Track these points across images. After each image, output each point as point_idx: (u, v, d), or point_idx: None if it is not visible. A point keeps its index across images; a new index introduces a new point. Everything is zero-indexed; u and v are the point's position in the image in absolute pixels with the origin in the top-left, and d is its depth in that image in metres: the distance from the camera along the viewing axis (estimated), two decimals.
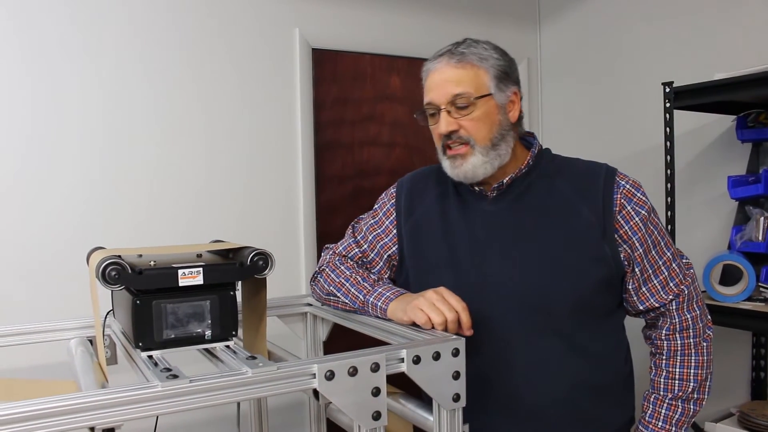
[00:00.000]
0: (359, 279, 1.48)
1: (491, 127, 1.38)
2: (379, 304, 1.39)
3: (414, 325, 1.29)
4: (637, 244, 1.40)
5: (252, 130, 2.58)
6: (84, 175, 2.26)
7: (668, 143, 2.25)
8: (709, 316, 1.49)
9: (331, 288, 1.52)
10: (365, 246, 1.59)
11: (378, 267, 1.57)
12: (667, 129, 2.24)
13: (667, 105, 2.23)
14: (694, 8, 2.63)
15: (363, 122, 2.93)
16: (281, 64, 2.65)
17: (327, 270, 1.56)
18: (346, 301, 1.47)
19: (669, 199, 2.25)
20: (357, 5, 2.83)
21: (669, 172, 2.25)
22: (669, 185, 2.25)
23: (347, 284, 1.48)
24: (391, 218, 1.58)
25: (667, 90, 2.23)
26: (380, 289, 1.42)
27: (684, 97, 2.21)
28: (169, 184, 2.41)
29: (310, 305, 1.70)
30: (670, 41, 2.72)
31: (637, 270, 1.42)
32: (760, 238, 2.24)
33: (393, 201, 1.60)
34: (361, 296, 1.43)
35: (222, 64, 2.51)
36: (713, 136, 2.56)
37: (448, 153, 1.41)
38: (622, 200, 1.39)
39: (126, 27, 2.32)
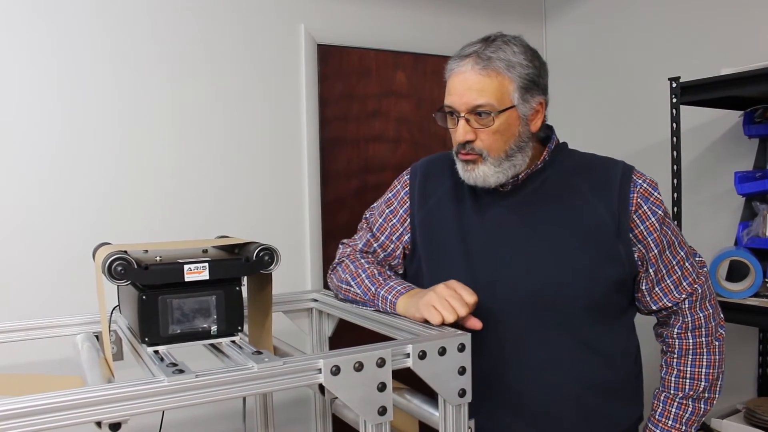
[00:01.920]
0: (375, 272, 1.48)
1: (508, 140, 1.36)
2: (390, 297, 1.39)
3: (426, 322, 1.29)
4: (652, 245, 1.39)
5: (257, 126, 2.58)
6: (90, 172, 2.26)
7: (675, 139, 2.24)
8: (722, 315, 1.48)
9: (347, 277, 1.52)
10: (382, 238, 1.58)
11: (397, 259, 1.57)
12: (674, 124, 2.23)
13: (674, 100, 2.22)
14: (700, 3, 2.61)
15: (368, 118, 2.92)
16: (287, 60, 2.65)
17: (347, 261, 1.56)
18: (358, 291, 1.47)
19: (675, 195, 2.24)
20: (362, 1, 2.83)
21: (675, 167, 2.24)
22: (675, 181, 2.24)
23: (363, 275, 1.48)
24: (405, 206, 1.57)
25: (674, 85, 2.22)
26: (392, 283, 1.42)
27: (691, 93, 2.20)
28: (174, 181, 2.41)
29: (316, 301, 1.70)
30: (676, 36, 2.71)
31: (651, 270, 1.41)
32: (767, 233, 2.23)
33: (407, 188, 1.58)
34: (373, 288, 1.43)
35: (227, 60, 2.51)
36: (720, 131, 2.55)
37: (461, 157, 1.39)
38: (639, 199, 1.38)
39: (134, 26, 2.32)
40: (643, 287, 1.43)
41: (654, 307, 1.44)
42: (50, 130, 2.19)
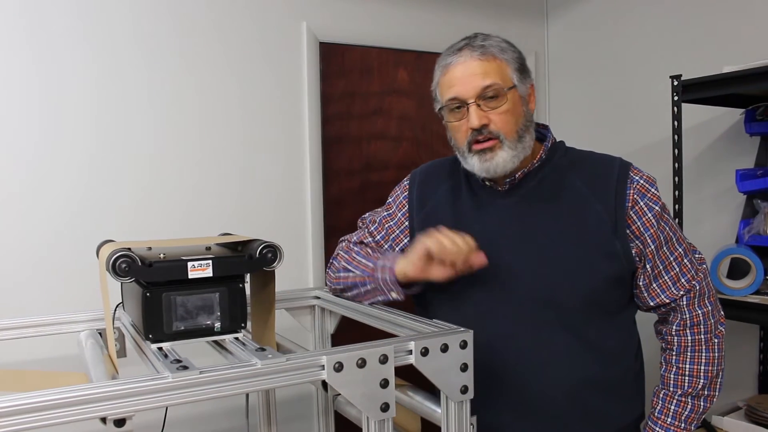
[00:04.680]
0: (370, 251, 1.53)
1: (518, 120, 1.37)
2: (388, 264, 1.41)
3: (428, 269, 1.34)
4: (649, 241, 1.39)
5: (259, 124, 2.59)
6: (94, 171, 2.27)
7: (676, 137, 2.24)
8: (722, 312, 1.47)
9: (343, 264, 1.55)
10: (378, 237, 1.60)
11: None
12: (675, 122, 2.23)
13: (675, 98, 2.22)
14: (702, 0, 2.61)
15: (370, 116, 2.93)
16: (289, 57, 2.65)
17: (341, 253, 1.59)
18: (357, 272, 1.49)
19: (677, 193, 2.24)
20: None
21: (677, 165, 2.24)
22: (677, 179, 2.24)
23: (358, 257, 1.51)
24: (404, 210, 1.58)
25: (676, 83, 2.22)
26: (389, 254, 1.46)
27: (692, 90, 2.20)
28: (177, 178, 2.42)
29: (318, 298, 1.71)
30: (678, 34, 2.71)
31: (648, 266, 1.41)
32: None
33: (406, 193, 1.60)
34: (371, 264, 1.46)
35: (229, 58, 2.52)
36: (721, 129, 2.55)
37: (476, 148, 1.37)
38: (635, 195, 1.38)
39: (128, 19, 2.33)
40: (641, 283, 1.43)
41: (652, 304, 1.45)
42: (49, 127, 2.20)
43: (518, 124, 1.37)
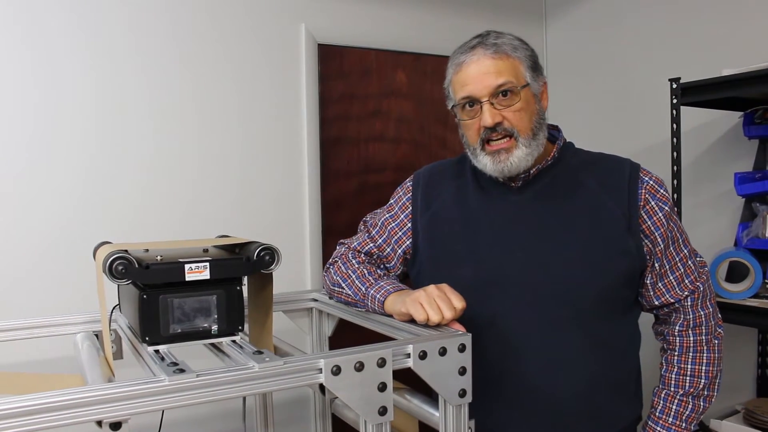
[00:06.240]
0: (365, 272, 1.48)
1: (531, 117, 1.37)
2: (378, 296, 1.39)
3: (411, 320, 1.28)
4: (658, 240, 1.40)
5: (258, 125, 2.58)
6: (91, 172, 2.26)
7: (675, 139, 2.24)
8: (719, 315, 1.50)
9: (338, 279, 1.52)
10: (380, 240, 1.58)
11: (393, 262, 1.57)
12: (674, 125, 2.23)
13: (674, 101, 2.22)
14: (701, 3, 2.61)
15: (369, 118, 2.92)
16: (287, 59, 2.65)
17: (339, 262, 1.56)
18: (350, 293, 1.47)
19: (675, 196, 2.24)
20: (363, 1, 2.83)
21: (676, 168, 2.24)
22: (675, 181, 2.24)
23: (353, 276, 1.48)
24: (407, 212, 1.57)
25: (674, 86, 2.22)
26: (382, 283, 1.42)
27: (691, 93, 2.20)
28: (175, 180, 2.41)
29: (316, 300, 1.70)
30: (677, 37, 2.71)
31: (656, 265, 1.42)
32: (767, 234, 2.23)
33: (409, 195, 1.59)
34: (363, 288, 1.44)
35: (228, 59, 2.51)
36: (720, 132, 2.55)
37: (489, 148, 1.38)
38: (647, 195, 1.40)
39: (127, 21, 2.32)
40: (648, 281, 1.45)
41: (656, 302, 1.46)
42: (46, 127, 2.19)
43: (532, 122, 1.38)
